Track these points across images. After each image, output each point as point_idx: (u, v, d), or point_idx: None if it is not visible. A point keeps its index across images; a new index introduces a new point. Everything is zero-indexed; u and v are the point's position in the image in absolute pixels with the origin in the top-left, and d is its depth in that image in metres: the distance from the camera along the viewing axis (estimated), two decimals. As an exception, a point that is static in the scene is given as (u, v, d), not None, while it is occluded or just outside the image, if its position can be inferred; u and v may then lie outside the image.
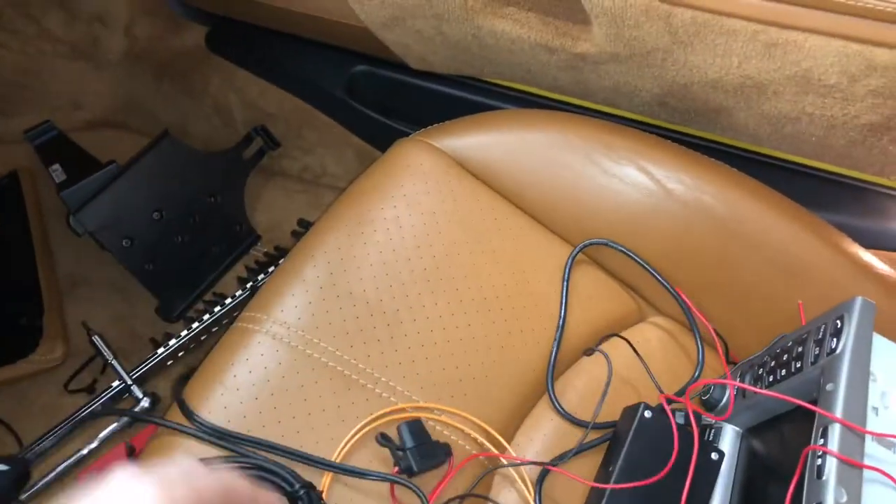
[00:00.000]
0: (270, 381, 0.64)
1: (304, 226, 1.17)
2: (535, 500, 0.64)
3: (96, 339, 1.01)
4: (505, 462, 0.65)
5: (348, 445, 0.62)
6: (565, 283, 0.76)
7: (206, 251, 1.15)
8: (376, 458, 0.63)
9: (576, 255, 0.77)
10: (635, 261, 0.76)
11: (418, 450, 0.60)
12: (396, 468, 0.60)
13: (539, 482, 0.65)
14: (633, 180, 0.77)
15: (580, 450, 0.67)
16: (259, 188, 1.23)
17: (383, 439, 0.61)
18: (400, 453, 0.60)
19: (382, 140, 1.10)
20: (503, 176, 0.80)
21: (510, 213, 0.79)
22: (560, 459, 0.66)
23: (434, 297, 0.71)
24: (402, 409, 0.65)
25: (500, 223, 0.78)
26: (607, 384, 0.70)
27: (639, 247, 0.77)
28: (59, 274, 1.16)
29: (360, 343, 0.68)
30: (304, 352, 0.66)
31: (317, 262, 0.72)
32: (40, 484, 0.95)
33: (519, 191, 0.80)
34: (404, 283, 0.72)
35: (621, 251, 0.76)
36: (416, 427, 0.62)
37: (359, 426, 0.63)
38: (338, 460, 0.61)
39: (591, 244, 0.77)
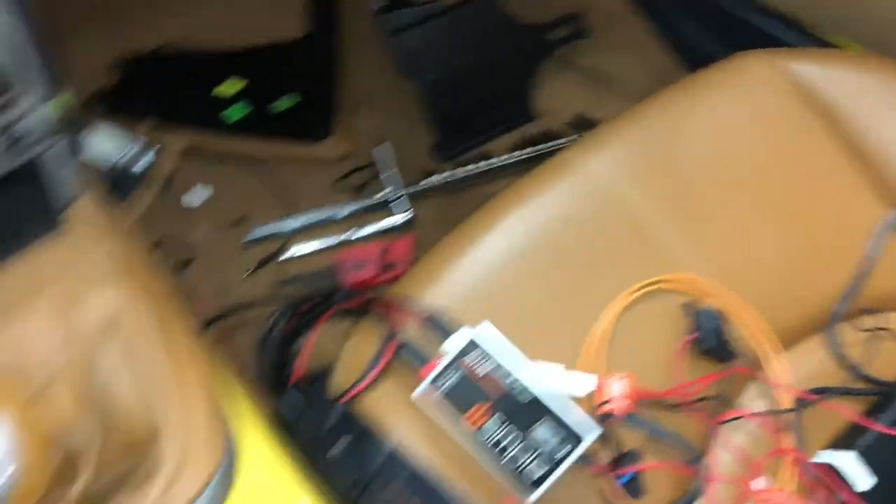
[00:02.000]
0: (586, 210, 0.69)
1: (582, 121, 1.20)
2: (794, 426, 0.65)
3: (383, 147, 1.10)
4: (777, 377, 0.66)
5: (641, 292, 0.66)
6: (878, 238, 0.73)
7: (488, 111, 1.22)
8: (654, 317, 0.66)
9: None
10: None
11: (716, 335, 0.63)
12: (693, 335, 0.63)
13: (798, 408, 0.65)
14: None
15: (845, 392, 0.67)
16: (548, 72, 1.26)
17: (688, 307, 0.64)
18: (700, 328, 0.63)
19: (694, 60, 1.10)
20: (848, 117, 0.78)
21: (839, 158, 0.77)
22: (828, 393, 0.66)
23: (748, 200, 0.73)
24: (694, 282, 0.68)
25: (825, 163, 0.76)
26: (873, 340, 0.69)
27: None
28: (355, 85, 1.27)
29: (670, 211, 0.70)
30: (621, 198, 0.70)
31: (646, 128, 0.74)
32: (299, 253, 1.08)
33: (857, 138, 0.77)
34: (724, 176, 0.73)
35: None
36: (721, 317, 0.64)
37: (654, 279, 0.66)
38: (629, 301, 0.65)
39: (917, 211, 0.74)
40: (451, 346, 0.58)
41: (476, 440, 0.55)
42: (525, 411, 0.56)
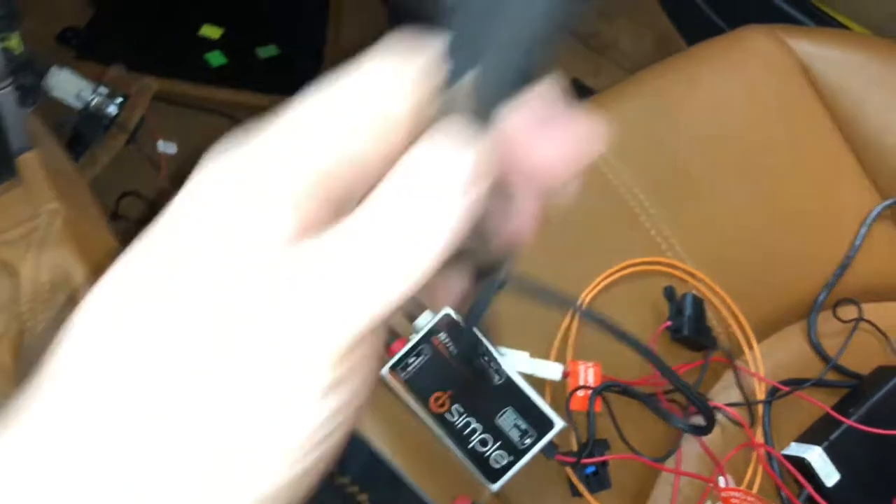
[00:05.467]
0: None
1: (577, 87, 1.16)
2: (763, 416, 0.63)
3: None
4: (750, 367, 0.65)
5: (620, 273, 0.63)
6: (865, 228, 0.72)
7: (479, 72, 1.17)
8: (631, 300, 0.64)
9: (889, 205, 0.72)
10: (950, 238, 0.71)
11: (695, 322, 0.61)
12: (669, 322, 0.61)
13: (769, 399, 0.64)
14: None
15: (818, 384, 0.66)
16: (544, 36, 1.22)
17: (670, 291, 0.62)
18: (677, 314, 0.60)
19: (696, 28, 1.06)
20: (848, 101, 0.75)
21: (836, 141, 0.75)
22: (800, 384, 0.65)
23: (737, 183, 0.70)
24: (675, 266, 0.65)
25: (822, 146, 0.74)
26: (852, 331, 0.67)
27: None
28: (343, 37, 1.22)
29: (657, 191, 0.68)
30: (605, 174, 0.67)
31: (640, 100, 0.71)
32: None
33: (855, 122, 0.75)
34: (715, 156, 0.70)
35: (939, 222, 0.71)
36: (701, 304, 0.62)
37: (634, 261, 0.64)
38: (606, 282, 0.63)
39: (908, 202, 0.72)
40: (425, 321, 0.56)
41: (442, 424, 0.54)
42: (494, 395, 0.54)
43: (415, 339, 0.54)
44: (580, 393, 0.55)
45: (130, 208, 1.02)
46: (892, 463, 0.61)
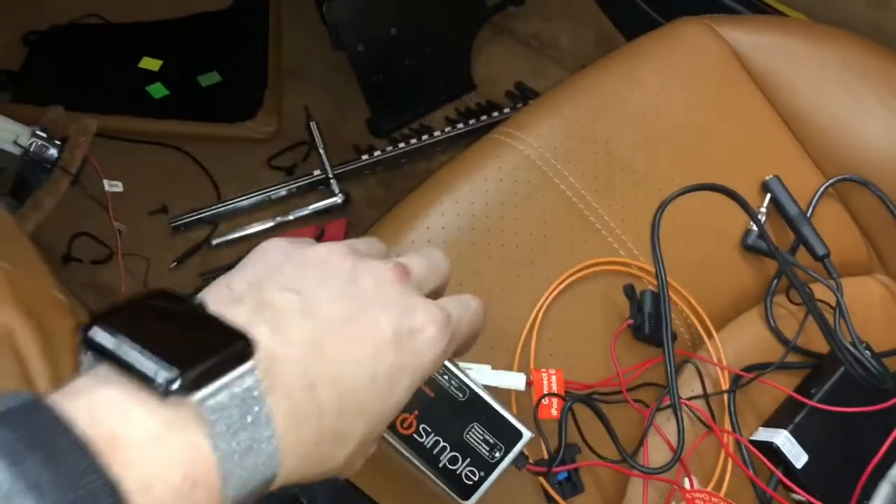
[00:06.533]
0: (517, 193, 0.66)
1: (522, 90, 1.17)
2: (728, 404, 0.64)
3: (313, 125, 1.05)
4: (712, 357, 0.65)
5: (575, 276, 0.64)
6: (811, 209, 0.73)
7: (425, 82, 1.17)
8: (590, 301, 0.64)
9: (832, 184, 0.74)
10: (893, 213, 0.72)
11: (655, 319, 0.61)
12: (630, 321, 0.61)
13: (733, 387, 0.65)
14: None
15: (780, 367, 0.66)
16: (486, 40, 1.23)
17: (630, 290, 0.62)
18: (638, 312, 0.61)
19: (633, 24, 1.08)
20: (781, 85, 0.77)
21: (775, 125, 0.76)
22: (763, 369, 0.65)
23: (683, 175, 0.71)
24: (629, 265, 0.66)
25: (762, 131, 0.75)
26: (806, 314, 0.68)
27: (898, 201, 0.73)
28: (283, 58, 1.21)
29: (604, 191, 0.68)
30: (552, 179, 0.67)
31: (579, 102, 0.72)
32: (231, 237, 1.02)
33: (791, 105, 0.76)
34: (658, 151, 0.71)
35: (880, 197, 0.73)
36: (658, 300, 0.63)
37: (588, 262, 0.64)
38: (562, 287, 0.63)
39: (849, 180, 0.74)
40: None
41: (411, 445, 0.53)
42: (460, 412, 0.53)
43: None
44: (545, 401, 0.55)
45: (83, 249, 1.00)
46: (857, 438, 0.63)
